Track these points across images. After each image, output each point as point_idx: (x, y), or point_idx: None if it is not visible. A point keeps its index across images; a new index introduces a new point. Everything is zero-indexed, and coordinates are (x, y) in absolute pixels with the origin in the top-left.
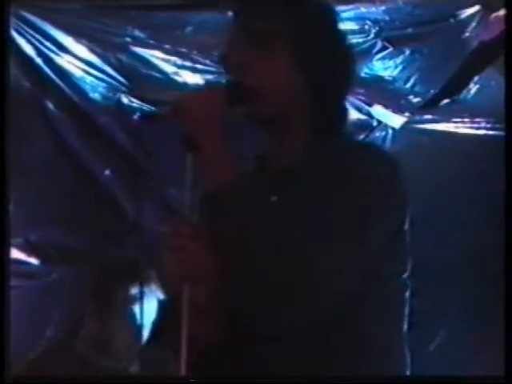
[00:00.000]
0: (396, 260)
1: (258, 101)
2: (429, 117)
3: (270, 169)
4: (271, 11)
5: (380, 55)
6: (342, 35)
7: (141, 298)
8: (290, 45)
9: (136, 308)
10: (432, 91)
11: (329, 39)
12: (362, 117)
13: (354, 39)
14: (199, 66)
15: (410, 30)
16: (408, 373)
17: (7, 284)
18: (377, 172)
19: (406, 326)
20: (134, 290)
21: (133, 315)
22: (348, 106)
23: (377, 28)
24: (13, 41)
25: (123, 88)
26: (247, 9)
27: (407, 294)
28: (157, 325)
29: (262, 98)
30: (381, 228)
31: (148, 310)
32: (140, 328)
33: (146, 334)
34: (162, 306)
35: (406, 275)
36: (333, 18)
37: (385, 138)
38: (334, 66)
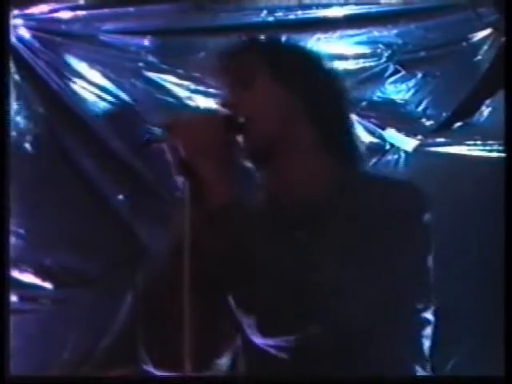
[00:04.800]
0: (418, 296)
1: (255, 133)
2: (441, 140)
3: (282, 201)
4: (245, 50)
5: (392, 79)
6: (319, 59)
7: None
8: (268, 75)
9: None
10: (444, 114)
11: (308, 64)
12: (375, 140)
13: (367, 63)
14: (212, 91)
15: (422, 54)
16: None
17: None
18: (400, 207)
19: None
20: None
21: None
22: (360, 129)
23: (389, 51)
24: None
25: (137, 113)
26: (224, 52)
27: (428, 329)
28: None
29: (257, 130)
30: (403, 263)
31: None
32: None
33: None
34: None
35: (429, 312)
36: (303, 47)
37: (397, 161)
38: (323, 92)
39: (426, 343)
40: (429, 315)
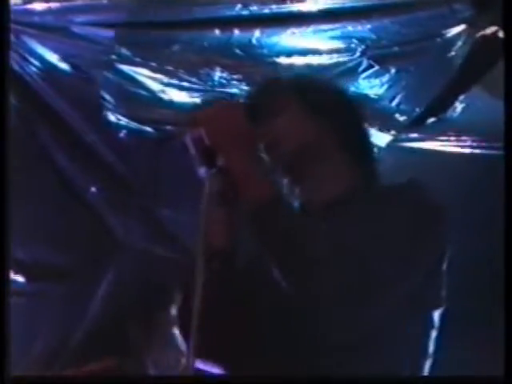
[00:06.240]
0: (430, 297)
1: (285, 150)
2: (415, 135)
3: (308, 210)
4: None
5: (366, 74)
6: (341, 87)
7: None
8: (299, 104)
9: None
10: (418, 110)
11: (331, 91)
12: None
13: (340, 58)
14: (186, 84)
15: (396, 49)
16: None
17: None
18: (417, 212)
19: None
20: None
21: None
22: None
23: (363, 47)
24: None
25: (110, 106)
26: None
27: (434, 332)
28: None
29: (288, 148)
30: (417, 265)
31: None
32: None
33: None
34: None
35: (437, 314)
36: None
37: None
38: (345, 114)
39: (431, 344)
40: (437, 319)
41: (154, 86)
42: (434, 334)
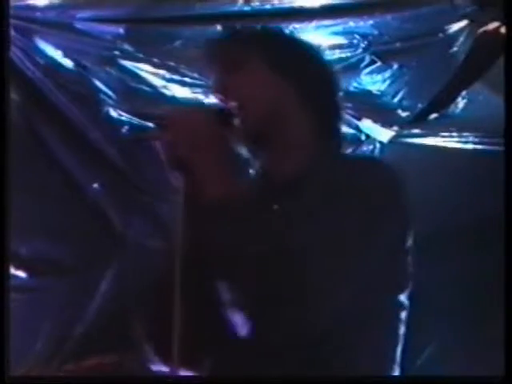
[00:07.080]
0: (395, 276)
1: (244, 118)
2: (417, 131)
3: (271, 180)
4: (234, 37)
5: (368, 69)
6: (312, 48)
7: None
8: (258, 60)
9: None
10: (420, 105)
11: (301, 51)
12: (351, 131)
13: (343, 53)
14: (188, 80)
15: (398, 45)
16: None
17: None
18: (378, 187)
19: (399, 348)
20: None
21: None
22: (342, 117)
23: (365, 42)
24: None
25: (112, 101)
26: (214, 39)
27: (403, 313)
28: None
29: (247, 115)
30: (378, 242)
31: None
32: None
33: None
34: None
35: (405, 294)
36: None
37: (373, 151)
38: (313, 76)
39: (402, 328)
40: (404, 299)
41: (157, 82)
42: (403, 314)
